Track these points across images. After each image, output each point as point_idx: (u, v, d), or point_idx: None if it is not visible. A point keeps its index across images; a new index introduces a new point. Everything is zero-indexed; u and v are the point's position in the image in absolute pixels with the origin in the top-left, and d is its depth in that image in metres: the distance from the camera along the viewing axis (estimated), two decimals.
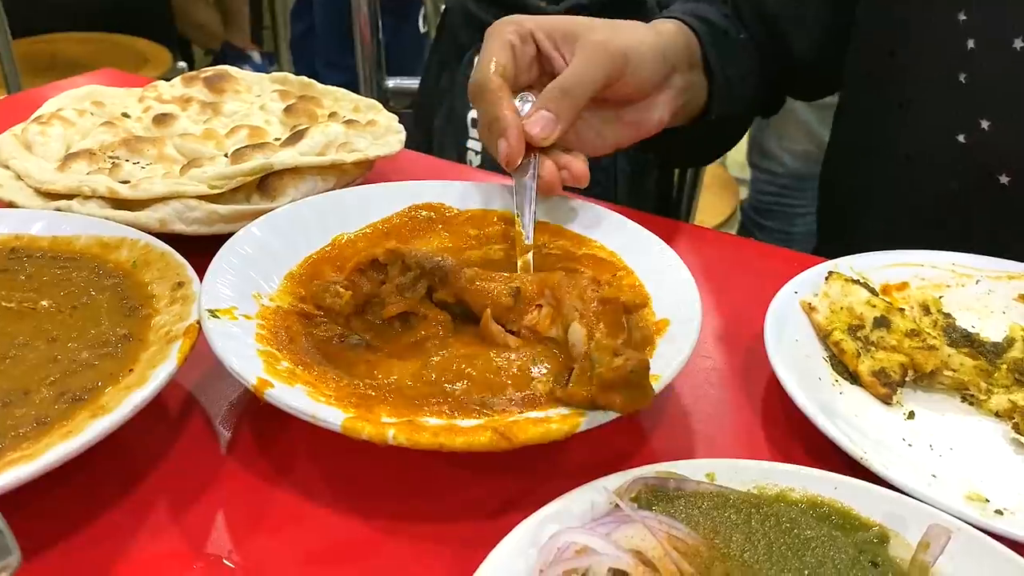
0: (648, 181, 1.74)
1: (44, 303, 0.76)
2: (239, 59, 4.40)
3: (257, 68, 4.38)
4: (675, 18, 1.05)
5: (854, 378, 0.79)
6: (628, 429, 0.75)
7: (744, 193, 2.86)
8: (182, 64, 3.68)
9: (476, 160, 1.71)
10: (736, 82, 1.08)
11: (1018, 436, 0.73)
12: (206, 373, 0.79)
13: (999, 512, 0.64)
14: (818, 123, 2.34)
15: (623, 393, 0.62)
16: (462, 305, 0.77)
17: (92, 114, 1.13)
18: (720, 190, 2.77)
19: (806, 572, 0.56)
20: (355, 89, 1.28)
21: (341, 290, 0.75)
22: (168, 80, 1.24)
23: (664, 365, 0.68)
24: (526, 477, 0.70)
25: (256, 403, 0.76)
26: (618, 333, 0.69)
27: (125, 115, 1.15)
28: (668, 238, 0.88)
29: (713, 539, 0.58)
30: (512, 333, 0.75)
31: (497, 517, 0.66)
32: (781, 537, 0.59)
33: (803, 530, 0.60)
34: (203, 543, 0.63)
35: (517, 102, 0.91)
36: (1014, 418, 0.74)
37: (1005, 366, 0.79)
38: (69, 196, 0.92)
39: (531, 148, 0.88)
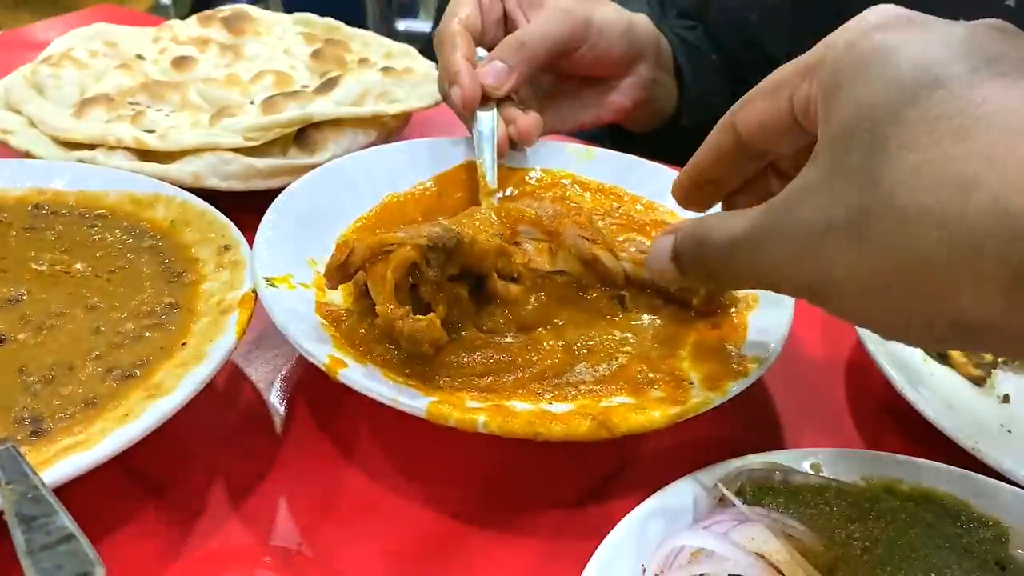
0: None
1: (78, 266, 0.69)
2: None
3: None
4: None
5: (943, 357, 0.74)
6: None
7: None
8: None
9: None
10: (708, 94, 1.07)
11: None
12: (251, 343, 0.73)
13: None
14: None
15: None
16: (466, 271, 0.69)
17: (105, 55, 1.05)
18: None
19: (933, 575, 0.53)
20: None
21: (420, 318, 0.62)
22: (161, 16, 1.16)
23: (762, 349, 0.63)
24: (607, 459, 0.65)
25: (309, 377, 0.71)
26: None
27: (140, 56, 1.07)
28: None
29: (831, 537, 0.54)
30: (513, 280, 0.68)
31: (583, 506, 0.62)
32: (901, 537, 0.55)
33: (922, 526, 0.56)
34: (269, 534, 0.58)
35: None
36: None
37: None
38: (91, 146, 0.85)
39: (489, 99, 0.85)
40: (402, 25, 1.97)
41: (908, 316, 0.39)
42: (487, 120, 0.84)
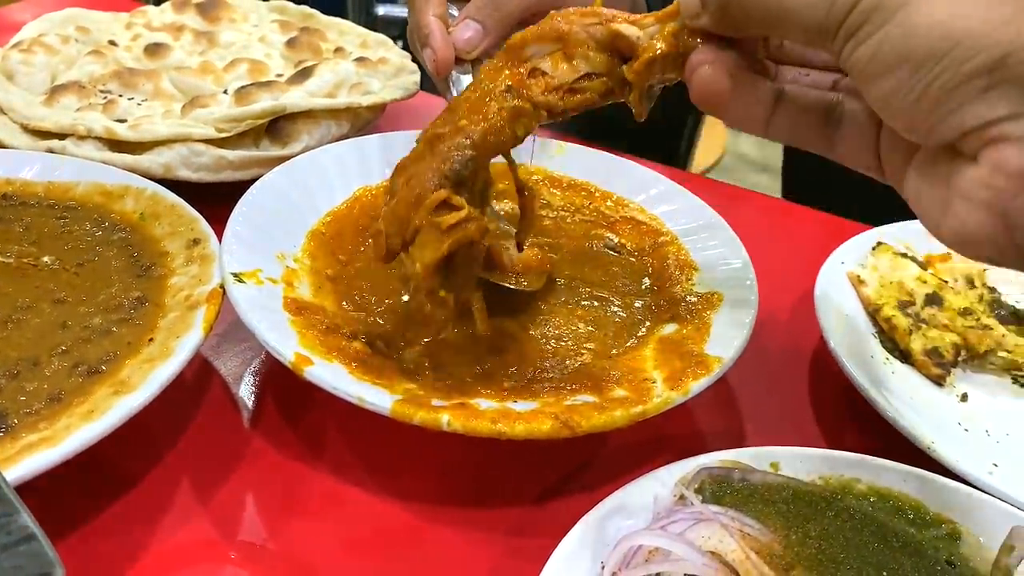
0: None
1: (46, 259, 0.69)
2: None
3: None
4: None
5: (904, 356, 0.76)
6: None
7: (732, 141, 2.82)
8: None
9: None
10: None
11: None
12: (220, 336, 0.73)
13: None
14: None
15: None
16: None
17: (77, 40, 1.04)
18: (709, 133, 2.72)
19: (885, 574, 0.54)
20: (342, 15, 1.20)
21: (444, 295, 0.60)
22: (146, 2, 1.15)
23: (724, 347, 0.64)
24: (569, 456, 0.66)
25: (278, 371, 0.71)
26: None
27: (112, 43, 1.06)
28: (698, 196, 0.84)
29: (787, 536, 0.55)
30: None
31: (544, 502, 0.63)
32: (857, 535, 0.56)
33: (877, 526, 0.57)
34: (236, 529, 0.59)
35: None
36: None
37: None
38: (61, 135, 0.84)
39: (463, 60, 0.81)
40: (381, 10, 1.96)
41: None
42: (460, 85, 0.81)
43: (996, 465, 0.66)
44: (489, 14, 0.81)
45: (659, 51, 0.52)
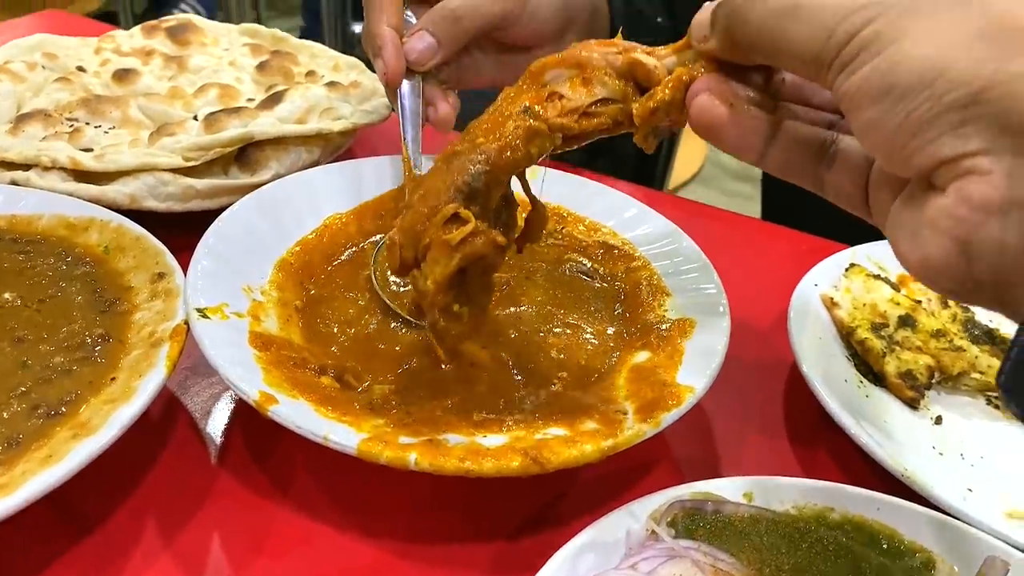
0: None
1: (7, 296, 0.68)
2: None
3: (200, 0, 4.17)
4: None
5: (878, 378, 0.75)
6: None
7: (711, 150, 2.83)
8: None
9: None
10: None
11: None
12: (188, 370, 0.72)
13: None
14: None
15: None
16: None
17: (44, 67, 1.02)
18: (690, 143, 2.73)
19: None
20: (318, 37, 1.19)
21: (458, 309, 0.60)
22: (118, 25, 1.14)
23: (696, 376, 0.64)
24: (543, 489, 0.65)
25: (246, 407, 0.70)
26: None
27: (80, 69, 1.05)
28: (666, 214, 0.84)
29: (761, 569, 0.55)
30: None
31: (517, 538, 0.62)
32: (831, 567, 0.56)
33: (850, 556, 0.56)
34: (201, 570, 0.58)
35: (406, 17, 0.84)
36: None
37: None
38: (25, 166, 0.83)
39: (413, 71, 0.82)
40: (358, 28, 1.95)
41: None
42: (409, 95, 0.82)
43: (970, 490, 0.65)
44: (445, 28, 0.81)
45: (663, 97, 0.54)
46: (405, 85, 0.81)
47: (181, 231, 0.76)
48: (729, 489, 0.60)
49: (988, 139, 0.40)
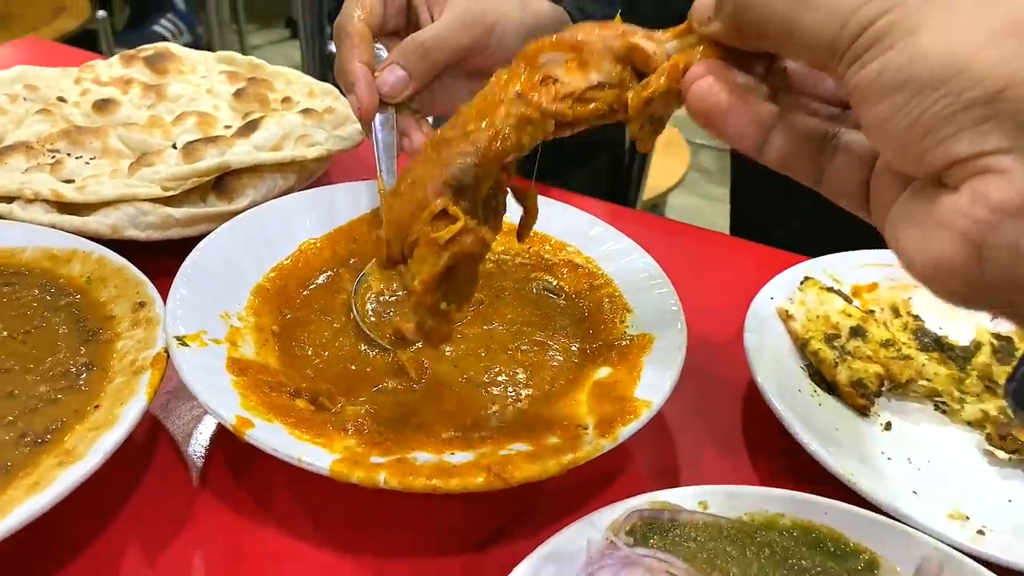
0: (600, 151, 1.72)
1: None
2: (160, 7, 4.19)
3: (180, 15, 4.19)
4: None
5: (831, 387, 0.79)
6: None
7: (693, 154, 2.87)
8: (101, 13, 3.49)
9: None
10: None
11: (990, 448, 0.75)
12: (169, 394, 0.75)
13: (981, 532, 0.65)
14: None
15: None
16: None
17: (25, 99, 1.05)
18: (672, 152, 2.77)
19: None
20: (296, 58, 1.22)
21: (446, 307, 0.59)
22: (97, 42, 1.17)
23: (653, 391, 0.67)
24: (511, 501, 0.68)
25: (225, 429, 0.73)
26: None
27: (61, 99, 1.07)
28: (633, 230, 0.87)
29: (711, 573, 0.58)
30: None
31: (487, 549, 0.65)
32: (776, 569, 0.59)
33: (797, 560, 0.60)
34: None
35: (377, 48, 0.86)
36: (986, 428, 0.76)
37: (975, 372, 0.81)
38: (8, 199, 0.86)
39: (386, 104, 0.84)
40: (334, 47, 1.98)
41: None
42: (383, 128, 0.85)
43: (915, 493, 0.69)
44: (415, 62, 0.83)
45: (657, 87, 0.51)
46: (378, 118, 0.83)
47: (162, 257, 0.79)
48: (685, 498, 0.63)
49: (1009, 137, 0.39)
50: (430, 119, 0.90)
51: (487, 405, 0.70)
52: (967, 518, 0.67)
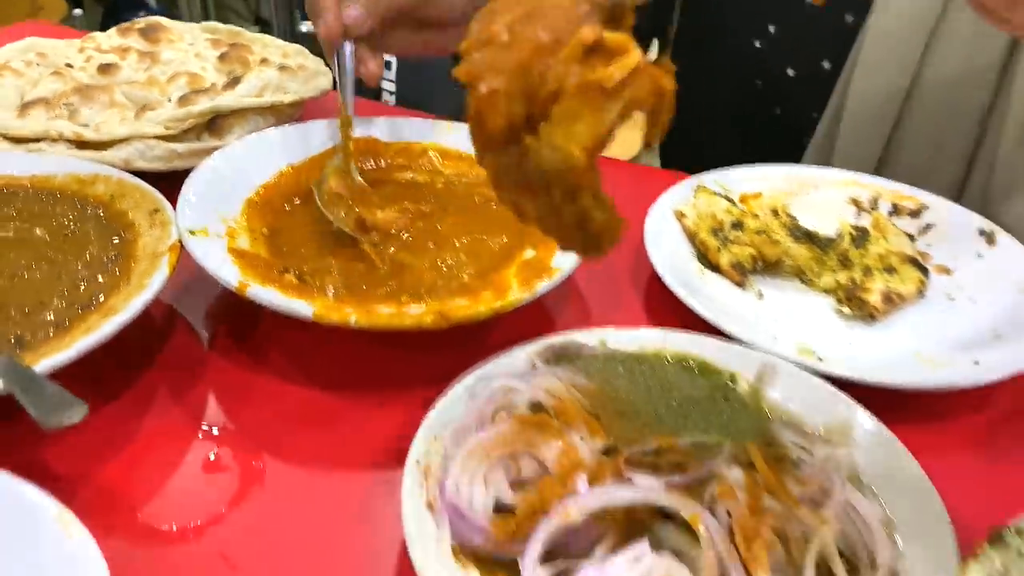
0: None
1: (39, 231, 0.88)
2: (132, 6, 4.32)
3: (152, 13, 4.32)
4: None
5: (715, 269, 0.98)
6: (539, 314, 0.92)
7: None
8: (77, 11, 3.63)
9: (391, 100, 1.84)
10: None
11: (840, 307, 0.94)
12: (180, 289, 0.93)
13: (820, 359, 0.84)
14: None
15: None
16: None
17: (38, 64, 1.22)
18: (631, 124, 2.94)
19: (674, 403, 0.75)
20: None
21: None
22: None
23: (566, 261, 0.86)
24: (459, 353, 0.86)
25: (228, 309, 0.91)
26: None
27: (69, 65, 1.24)
28: None
29: (604, 386, 0.77)
30: None
31: (438, 384, 0.82)
32: (656, 382, 0.78)
33: (676, 379, 0.79)
34: (200, 418, 0.79)
35: None
36: (838, 293, 0.95)
37: (835, 254, 1.00)
38: (36, 139, 1.03)
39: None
40: (304, 27, 2.16)
41: None
42: (346, 56, 1.02)
43: (776, 337, 0.88)
44: (372, 7, 1.01)
45: None
46: (346, 47, 1.01)
47: (165, 187, 0.97)
48: (590, 337, 0.82)
49: None
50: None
51: (437, 281, 0.88)
52: (813, 352, 0.86)
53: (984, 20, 0.46)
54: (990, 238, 1.03)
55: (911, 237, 1.04)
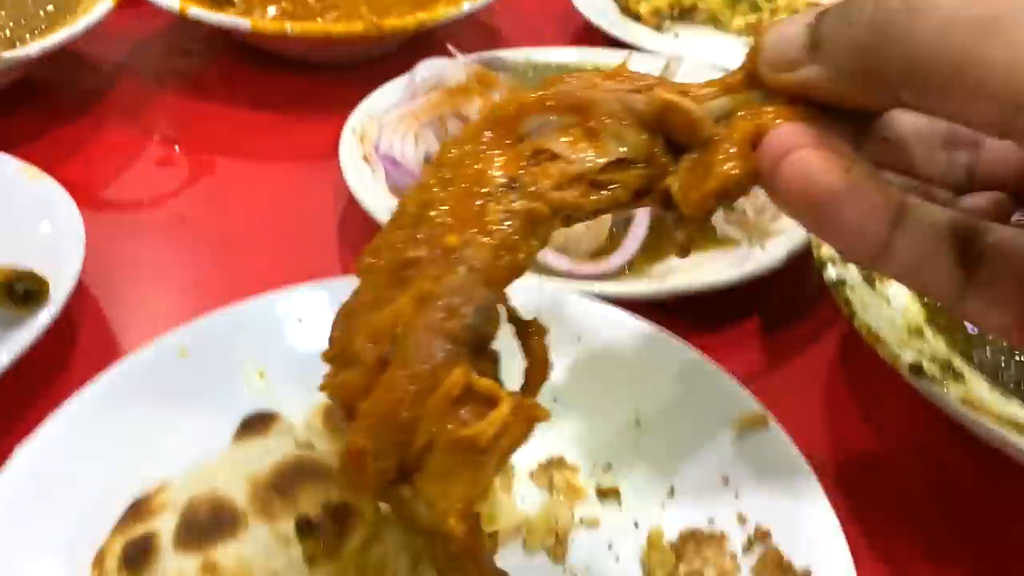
0: None
1: None
2: None
3: None
4: None
5: (637, 18, 1.05)
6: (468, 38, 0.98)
7: None
8: None
9: None
10: None
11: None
12: (130, 52, 0.98)
13: None
14: None
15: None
16: None
17: None
18: None
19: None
20: None
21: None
22: None
23: None
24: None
25: (171, 50, 0.97)
26: None
27: None
28: None
29: (523, 82, 0.83)
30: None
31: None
32: None
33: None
34: (153, 131, 0.85)
35: None
36: (750, 34, 1.02)
37: (746, 1, 1.07)
38: None
39: None
40: None
41: None
42: None
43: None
44: None
45: (732, 174, 0.34)
46: None
47: None
48: (515, 54, 0.88)
49: None
50: None
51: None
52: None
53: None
54: None
55: None
